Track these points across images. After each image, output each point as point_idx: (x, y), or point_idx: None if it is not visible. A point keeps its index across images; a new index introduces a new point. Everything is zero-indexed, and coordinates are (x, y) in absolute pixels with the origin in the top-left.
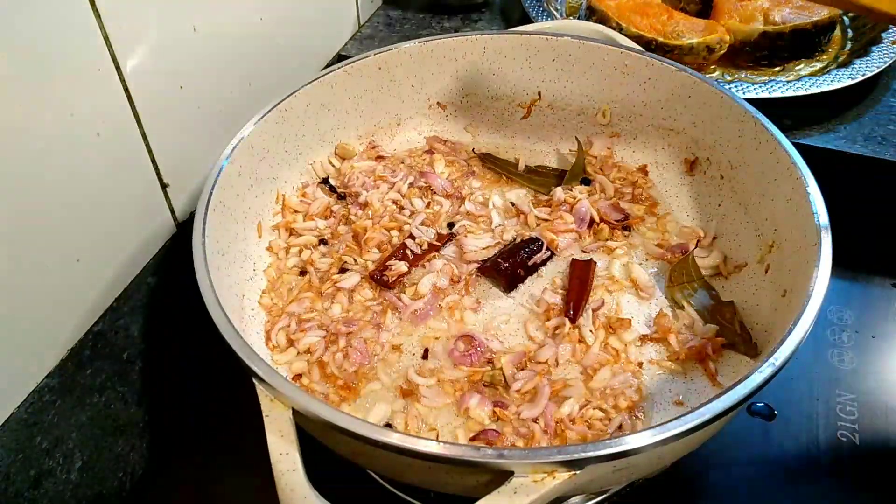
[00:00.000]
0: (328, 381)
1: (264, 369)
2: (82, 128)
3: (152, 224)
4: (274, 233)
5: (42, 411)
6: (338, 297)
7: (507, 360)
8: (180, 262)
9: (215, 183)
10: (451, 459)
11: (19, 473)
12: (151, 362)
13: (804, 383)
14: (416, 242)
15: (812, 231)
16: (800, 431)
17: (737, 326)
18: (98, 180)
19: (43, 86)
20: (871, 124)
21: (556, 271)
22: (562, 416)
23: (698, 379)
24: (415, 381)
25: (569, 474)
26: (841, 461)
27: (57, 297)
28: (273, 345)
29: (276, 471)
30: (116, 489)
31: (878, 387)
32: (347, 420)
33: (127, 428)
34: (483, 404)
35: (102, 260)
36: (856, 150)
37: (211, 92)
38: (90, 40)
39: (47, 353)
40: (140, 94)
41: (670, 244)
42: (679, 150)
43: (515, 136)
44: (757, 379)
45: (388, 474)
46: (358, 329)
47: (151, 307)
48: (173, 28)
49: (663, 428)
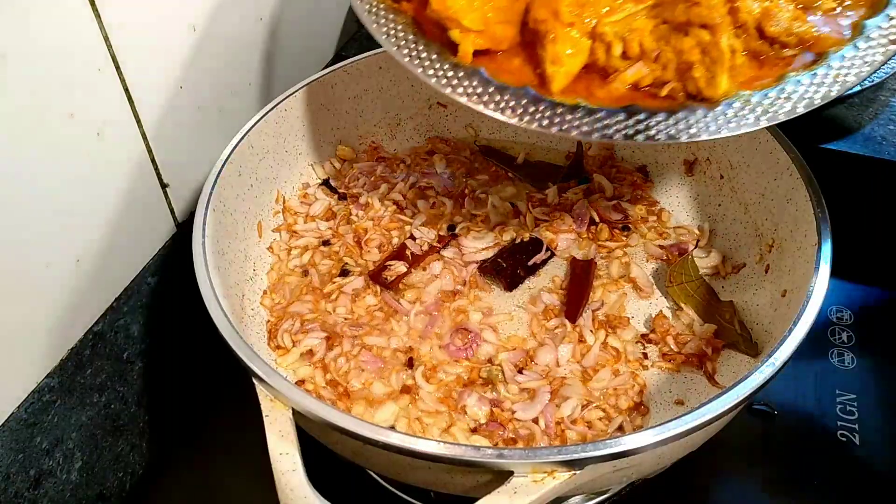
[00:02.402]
0: (331, 387)
1: (264, 369)
2: (82, 128)
3: (152, 224)
4: (275, 234)
5: (42, 411)
6: (341, 300)
7: (505, 358)
8: (180, 262)
9: (215, 183)
10: (451, 459)
11: (19, 473)
12: (151, 362)
13: (804, 383)
14: (417, 243)
15: (812, 231)
16: (800, 431)
17: (736, 326)
18: (98, 180)
19: (43, 86)
20: (871, 124)
21: (556, 271)
22: (562, 417)
23: (698, 379)
24: (414, 383)
25: (569, 474)
26: (841, 461)
27: (57, 297)
28: (276, 345)
29: (276, 471)
30: (116, 489)
31: (878, 387)
32: (347, 420)
33: (127, 428)
34: (481, 403)
35: (102, 260)
36: (856, 150)
37: (211, 92)
38: (90, 40)
39: (47, 353)
40: (140, 94)
41: (669, 244)
42: (679, 149)
43: (517, 135)
44: (757, 379)
45: (388, 474)
46: (364, 333)
47: (151, 307)
48: (173, 28)
49: (663, 428)
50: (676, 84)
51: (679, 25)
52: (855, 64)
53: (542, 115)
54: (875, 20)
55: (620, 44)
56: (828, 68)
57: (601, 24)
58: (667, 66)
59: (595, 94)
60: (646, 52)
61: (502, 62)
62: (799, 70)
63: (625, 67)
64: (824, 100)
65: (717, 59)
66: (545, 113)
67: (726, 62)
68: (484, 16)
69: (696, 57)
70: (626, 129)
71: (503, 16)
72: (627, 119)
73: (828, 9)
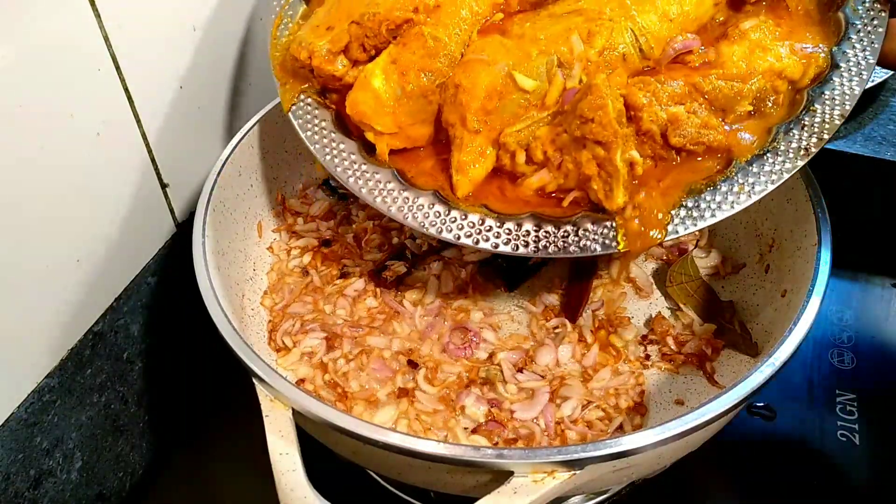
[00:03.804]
0: (330, 388)
1: (264, 369)
2: (82, 128)
3: (152, 224)
4: (275, 234)
5: (42, 411)
6: (341, 302)
7: (504, 357)
8: (180, 262)
9: (215, 183)
10: (451, 459)
11: (19, 473)
12: (151, 362)
13: (804, 383)
14: (417, 243)
15: (812, 231)
16: (800, 431)
17: (737, 326)
18: (98, 180)
19: (43, 86)
20: (871, 124)
21: (556, 271)
22: (562, 417)
23: (698, 379)
24: (415, 386)
25: (569, 474)
26: (841, 461)
27: (57, 297)
28: (276, 346)
29: (276, 471)
30: (116, 489)
31: (878, 387)
32: (347, 420)
33: (127, 428)
34: (480, 402)
35: (102, 260)
36: (856, 150)
37: (211, 92)
38: (90, 40)
39: (47, 353)
40: (140, 94)
41: (669, 244)
42: None
43: None
44: (757, 379)
45: (388, 474)
46: (364, 335)
47: (151, 307)
48: (173, 28)
49: (663, 428)
50: (579, 193)
51: (577, 139)
52: (761, 177)
53: (450, 224)
54: (787, 126)
55: (523, 152)
56: (731, 183)
57: (504, 134)
58: (568, 175)
59: (506, 196)
60: (549, 160)
61: (419, 161)
62: (705, 182)
63: (530, 173)
64: (731, 211)
65: (612, 174)
66: (454, 222)
67: (621, 178)
68: (397, 119)
69: (593, 171)
70: (534, 242)
71: (417, 117)
72: (537, 231)
73: (743, 113)
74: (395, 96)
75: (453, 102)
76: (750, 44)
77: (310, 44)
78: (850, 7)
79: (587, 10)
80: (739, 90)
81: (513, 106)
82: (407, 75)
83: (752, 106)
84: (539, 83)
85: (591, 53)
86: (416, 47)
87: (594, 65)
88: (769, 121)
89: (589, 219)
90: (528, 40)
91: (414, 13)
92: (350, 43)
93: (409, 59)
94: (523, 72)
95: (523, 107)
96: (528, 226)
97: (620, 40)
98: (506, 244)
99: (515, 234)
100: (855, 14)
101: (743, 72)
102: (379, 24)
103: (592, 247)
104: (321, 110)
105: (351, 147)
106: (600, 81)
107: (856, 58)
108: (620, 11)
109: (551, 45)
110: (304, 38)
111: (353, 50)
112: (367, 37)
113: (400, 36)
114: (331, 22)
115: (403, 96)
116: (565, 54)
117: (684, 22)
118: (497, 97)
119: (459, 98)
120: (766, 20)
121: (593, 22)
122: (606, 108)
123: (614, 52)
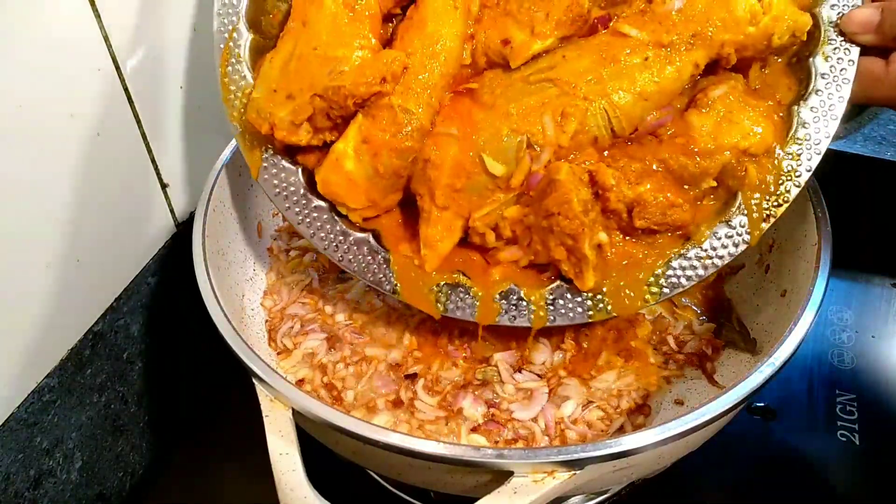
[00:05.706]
0: (326, 390)
1: (264, 369)
2: (82, 128)
3: (152, 224)
4: (275, 235)
5: (42, 411)
6: (340, 306)
7: (501, 358)
8: (180, 262)
9: (215, 183)
10: (451, 459)
11: (19, 473)
12: (151, 362)
13: (804, 383)
14: None
15: (812, 231)
16: (800, 431)
17: (735, 324)
18: (98, 180)
19: (43, 86)
20: (871, 124)
21: None
22: (562, 417)
23: (698, 379)
24: (414, 396)
25: (569, 474)
26: (841, 461)
27: (57, 297)
28: (276, 347)
29: (276, 471)
30: (116, 489)
31: (878, 387)
32: (347, 420)
33: (127, 428)
34: (477, 404)
35: (102, 260)
36: (856, 150)
37: (211, 92)
38: (90, 40)
39: (47, 353)
40: (140, 94)
41: None
42: None
43: None
44: (757, 379)
45: (388, 474)
46: (364, 342)
47: (151, 307)
48: (173, 28)
49: (663, 428)
50: (550, 271)
51: (544, 228)
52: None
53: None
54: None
55: (492, 233)
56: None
57: (473, 219)
58: (538, 254)
59: (476, 265)
60: (518, 238)
61: (391, 226)
62: (669, 256)
63: (502, 247)
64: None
65: (581, 259)
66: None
67: (591, 263)
68: (369, 196)
69: (562, 256)
70: (508, 312)
71: (388, 191)
72: (508, 304)
73: (708, 188)
74: (368, 176)
75: (422, 175)
76: (718, 116)
77: (269, 114)
78: (821, 55)
79: (561, 82)
80: (705, 168)
81: (479, 187)
82: (379, 156)
83: (717, 182)
84: (507, 167)
85: (562, 138)
86: (386, 122)
87: (565, 150)
88: (733, 191)
89: (567, 290)
90: (499, 114)
91: (381, 84)
92: (314, 115)
93: (380, 138)
94: (492, 153)
95: (490, 189)
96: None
97: (593, 122)
98: None
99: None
100: (825, 62)
101: (710, 148)
102: (344, 98)
103: (578, 319)
104: (287, 171)
105: (323, 211)
106: (564, 177)
107: (824, 112)
108: (596, 88)
109: (523, 122)
110: (263, 108)
111: (318, 120)
112: (331, 108)
113: (367, 107)
114: (290, 89)
115: (376, 176)
116: (536, 135)
117: (659, 100)
118: (465, 176)
119: (428, 173)
120: (735, 86)
121: (568, 98)
122: (572, 203)
123: (586, 134)
